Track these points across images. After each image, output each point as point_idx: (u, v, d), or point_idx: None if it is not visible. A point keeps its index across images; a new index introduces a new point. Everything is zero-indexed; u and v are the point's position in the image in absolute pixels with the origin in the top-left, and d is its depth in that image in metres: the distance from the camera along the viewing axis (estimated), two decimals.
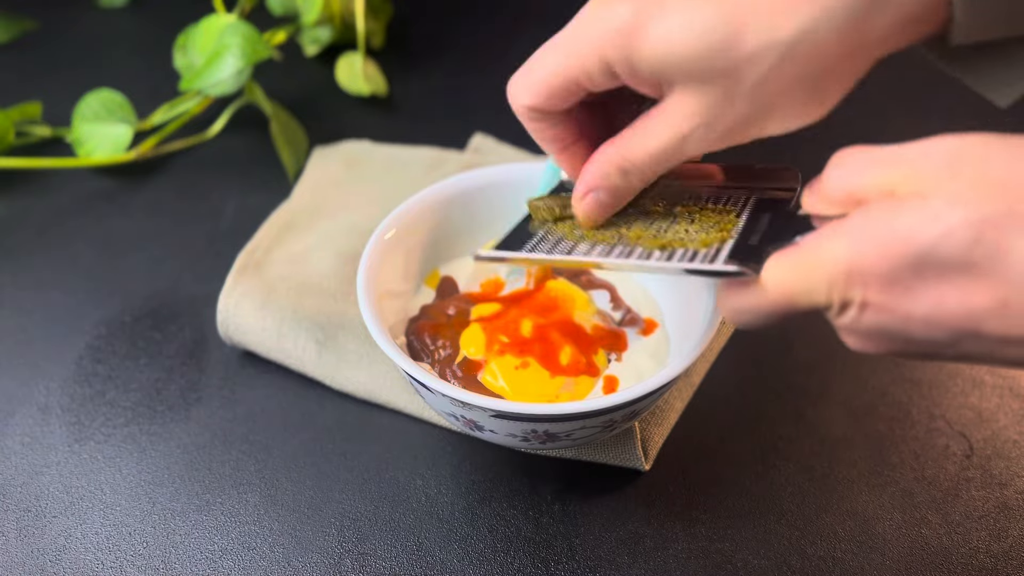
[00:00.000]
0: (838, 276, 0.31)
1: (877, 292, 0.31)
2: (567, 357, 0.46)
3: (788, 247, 0.34)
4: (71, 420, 0.52)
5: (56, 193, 0.67)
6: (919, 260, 0.29)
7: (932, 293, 0.30)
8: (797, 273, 0.33)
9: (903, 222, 0.30)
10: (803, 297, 0.33)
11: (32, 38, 0.83)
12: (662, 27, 0.34)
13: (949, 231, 0.29)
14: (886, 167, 0.31)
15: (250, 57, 0.65)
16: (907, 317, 0.31)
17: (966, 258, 0.29)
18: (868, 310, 0.31)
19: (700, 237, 0.39)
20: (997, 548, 0.45)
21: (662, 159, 0.37)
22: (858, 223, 0.31)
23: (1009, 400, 0.52)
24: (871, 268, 0.30)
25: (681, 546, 0.46)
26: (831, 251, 0.31)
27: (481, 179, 0.53)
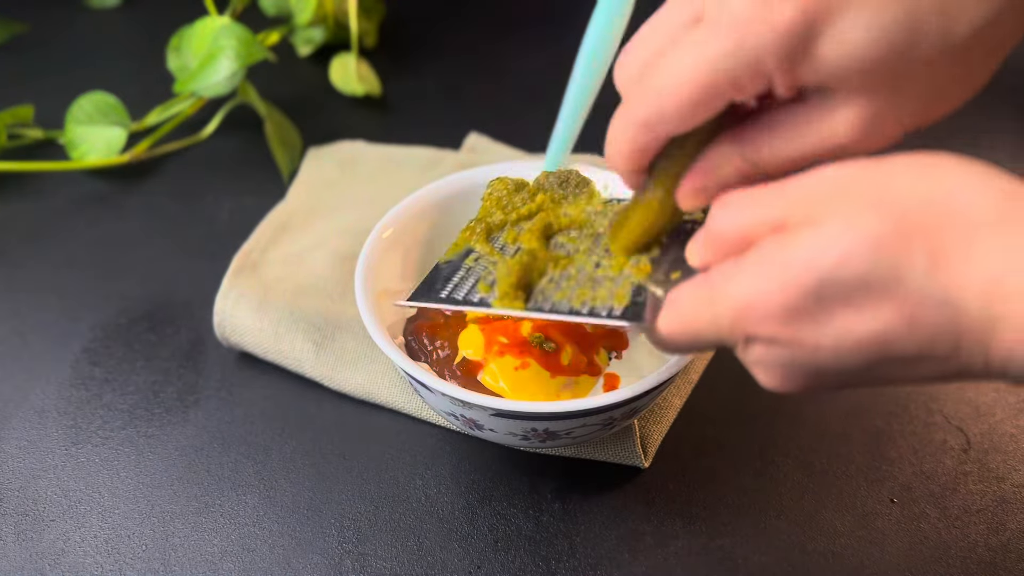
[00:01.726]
0: (740, 313, 0.30)
1: (781, 326, 0.30)
2: (568, 357, 0.46)
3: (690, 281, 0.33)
4: (68, 423, 0.52)
5: (50, 196, 0.67)
6: (820, 288, 0.28)
7: (838, 321, 0.29)
8: (699, 310, 0.32)
9: (799, 252, 0.29)
10: (707, 332, 0.32)
11: (23, 40, 0.83)
12: (841, 29, 0.30)
13: (846, 254, 0.28)
14: (773, 202, 0.30)
15: (244, 59, 0.65)
16: (815, 348, 0.30)
17: (867, 279, 0.28)
18: (774, 345, 0.30)
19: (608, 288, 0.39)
20: (995, 541, 0.45)
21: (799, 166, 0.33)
22: (755, 259, 0.30)
23: (1005, 394, 0.52)
24: (772, 302, 0.29)
25: (681, 543, 0.46)
26: (731, 288, 0.30)
27: (478, 178, 0.53)
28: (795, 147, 0.33)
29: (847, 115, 0.32)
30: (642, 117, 0.34)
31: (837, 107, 0.32)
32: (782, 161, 0.34)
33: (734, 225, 0.31)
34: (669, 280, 0.37)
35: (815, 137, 0.33)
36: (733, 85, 0.32)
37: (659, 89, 0.33)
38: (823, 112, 0.33)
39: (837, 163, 0.30)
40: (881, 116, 0.32)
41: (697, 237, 0.34)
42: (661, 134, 0.34)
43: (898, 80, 0.31)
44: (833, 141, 0.33)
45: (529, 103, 0.75)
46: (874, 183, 0.29)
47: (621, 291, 0.38)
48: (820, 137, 0.33)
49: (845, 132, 0.32)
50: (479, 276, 0.42)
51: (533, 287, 0.41)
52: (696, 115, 0.33)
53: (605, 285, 0.39)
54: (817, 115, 0.33)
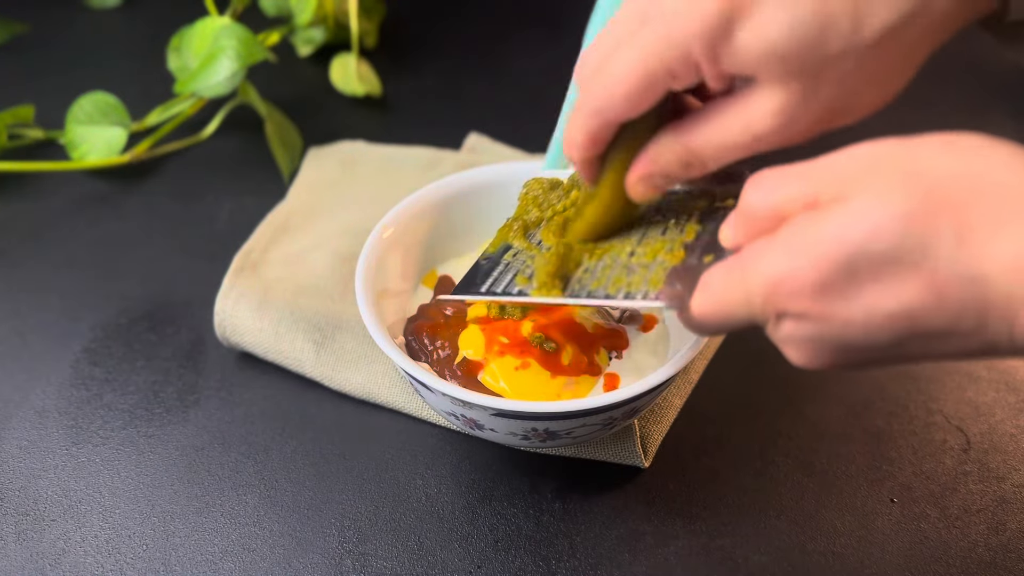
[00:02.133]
0: (771, 289, 0.31)
1: (812, 301, 0.30)
2: (568, 357, 0.46)
3: (722, 262, 0.34)
4: (68, 423, 0.52)
5: (50, 196, 0.67)
6: (850, 263, 0.29)
7: (868, 295, 0.29)
8: (731, 286, 0.33)
9: (830, 227, 0.29)
10: (740, 311, 0.33)
11: (24, 41, 0.83)
12: (758, 21, 0.33)
13: (876, 228, 0.29)
14: (805, 179, 0.31)
15: (245, 59, 0.65)
16: (846, 323, 0.30)
17: (896, 253, 0.29)
18: (805, 320, 0.31)
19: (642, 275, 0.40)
20: (995, 541, 0.45)
21: (729, 153, 0.36)
22: (786, 235, 0.31)
23: (1005, 394, 0.52)
24: (803, 277, 0.30)
25: (681, 543, 0.46)
26: (762, 265, 0.31)
27: (478, 178, 0.53)
28: (723, 135, 0.36)
29: (765, 104, 0.34)
30: (593, 106, 0.37)
31: (756, 96, 0.35)
32: (713, 148, 0.36)
33: (766, 203, 0.32)
34: (702, 264, 0.38)
35: (739, 125, 0.35)
36: (668, 73, 0.35)
37: (607, 80, 0.36)
38: (746, 101, 0.35)
39: (868, 142, 0.31)
40: (797, 107, 0.34)
41: (729, 219, 0.35)
42: (611, 120, 0.37)
43: (811, 73, 0.33)
44: (754, 129, 0.35)
45: (529, 103, 0.75)
46: (904, 159, 0.30)
47: (655, 276, 0.39)
48: (743, 125, 0.35)
49: (763, 120, 0.35)
50: (518, 270, 0.44)
51: (570, 277, 0.42)
52: (640, 102, 0.36)
53: (639, 272, 0.40)
54: (741, 105, 0.35)
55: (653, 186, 0.39)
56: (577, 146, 0.38)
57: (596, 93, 0.36)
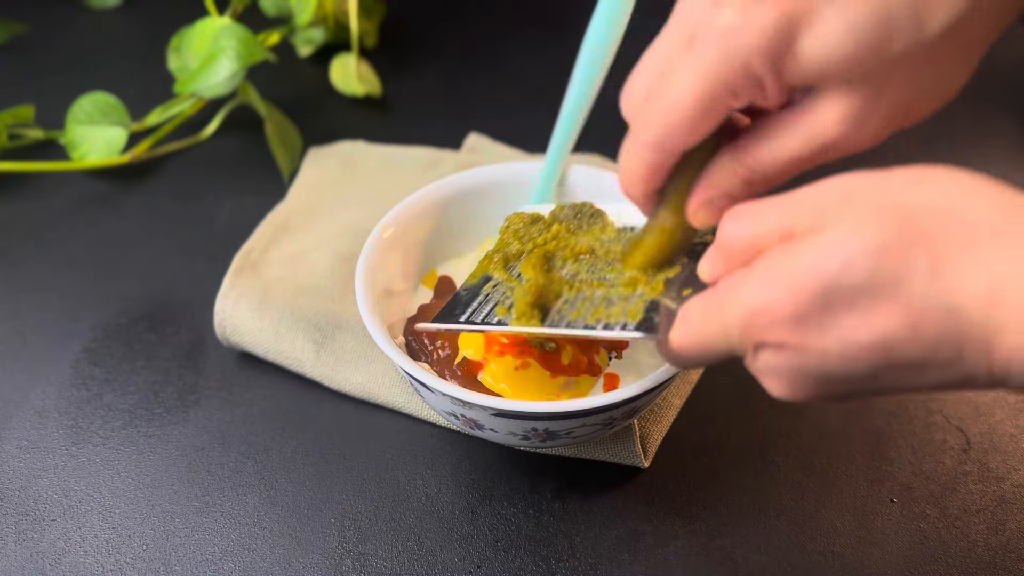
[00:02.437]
0: (748, 320, 0.31)
1: (789, 332, 0.30)
2: (568, 357, 0.46)
3: (700, 295, 0.34)
4: (68, 423, 0.52)
5: (50, 196, 0.67)
6: (825, 294, 0.29)
7: (843, 326, 0.29)
8: (709, 318, 0.33)
9: (804, 258, 0.29)
10: (718, 343, 0.33)
11: (24, 41, 0.83)
12: (820, 29, 0.32)
13: (850, 260, 0.29)
14: (780, 212, 0.31)
15: (245, 60, 0.65)
16: (823, 353, 0.30)
17: (870, 285, 0.29)
18: (782, 351, 0.31)
19: (621, 307, 0.40)
20: (995, 541, 0.45)
21: (796, 167, 0.35)
22: (761, 267, 0.31)
23: (1005, 394, 0.52)
24: (779, 309, 0.30)
25: (681, 543, 0.46)
26: (739, 297, 0.31)
27: (478, 178, 0.53)
28: (788, 148, 0.35)
29: (832, 111, 0.34)
30: (652, 138, 0.35)
31: (822, 105, 0.34)
32: (778, 163, 0.35)
33: (743, 235, 0.32)
34: (681, 297, 0.38)
35: (805, 136, 0.34)
36: (729, 91, 0.33)
37: (665, 107, 0.34)
38: (810, 111, 0.34)
39: (841, 175, 0.31)
40: (865, 111, 0.34)
41: (708, 254, 0.35)
42: (672, 151, 0.36)
43: (876, 76, 0.33)
44: (822, 138, 0.34)
45: (529, 103, 0.75)
46: (877, 192, 0.30)
47: (634, 308, 0.39)
48: (810, 135, 0.34)
49: (832, 128, 0.34)
50: (497, 301, 0.44)
51: (549, 308, 0.42)
52: (701, 126, 0.34)
53: (619, 304, 0.40)
54: (805, 115, 0.34)
55: (716, 210, 0.37)
56: (638, 181, 0.37)
57: (654, 123, 0.35)
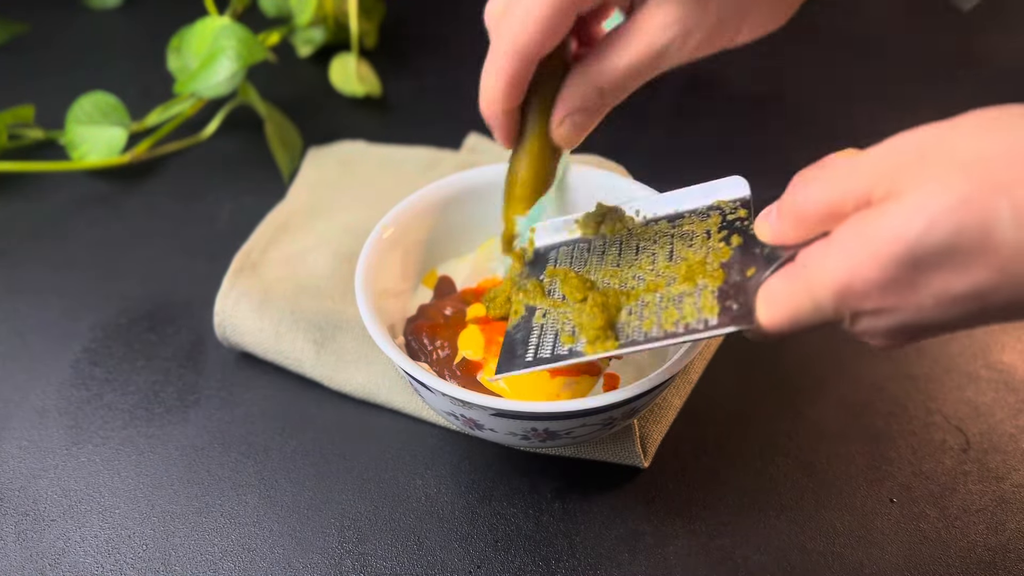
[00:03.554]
0: (840, 293, 0.32)
1: (884, 297, 0.31)
2: None
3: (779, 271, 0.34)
4: (68, 423, 0.52)
5: (50, 196, 0.67)
6: (913, 258, 0.30)
7: (935, 283, 0.30)
8: (799, 298, 0.33)
9: (887, 225, 0.30)
10: (811, 317, 0.33)
11: (24, 41, 0.83)
12: None
13: (932, 223, 0.29)
14: (853, 177, 0.32)
15: (245, 59, 0.65)
16: (919, 309, 0.31)
17: (955, 242, 0.29)
18: (881, 315, 0.32)
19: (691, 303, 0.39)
20: (995, 541, 0.45)
21: (638, 73, 0.38)
22: (844, 237, 0.32)
23: (1005, 394, 0.52)
24: (869, 279, 0.31)
25: (681, 543, 0.46)
26: (826, 271, 0.32)
27: (478, 178, 0.53)
28: (627, 56, 0.37)
29: (661, 17, 0.36)
30: (510, 46, 0.37)
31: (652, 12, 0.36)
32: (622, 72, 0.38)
33: (817, 201, 0.33)
34: (746, 279, 0.37)
35: (640, 43, 0.37)
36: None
37: (519, 17, 0.37)
38: (642, 19, 0.37)
39: (908, 131, 0.31)
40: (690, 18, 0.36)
41: (768, 215, 0.36)
42: (530, 58, 0.38)
43: None
44: (654, 44, 0.37)
45: None
46: (949, 146, 0.30)
47: (705, 302, 0.38)
48: (644, 42, 0.37)
49: (661, 33, 0.36)
50: (557, 329, 0.42)
51: (616, 324, 0.40)
52: (556, 30, 0.37)
53: (686, 301, 0.39)
54: (639, 24, 0.37)
55: (576, 125, 0.40)
56: (500, 96, 0.39)
57: (511, 32, 0.37)
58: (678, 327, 0.38)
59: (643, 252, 0.43)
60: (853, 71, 0.78)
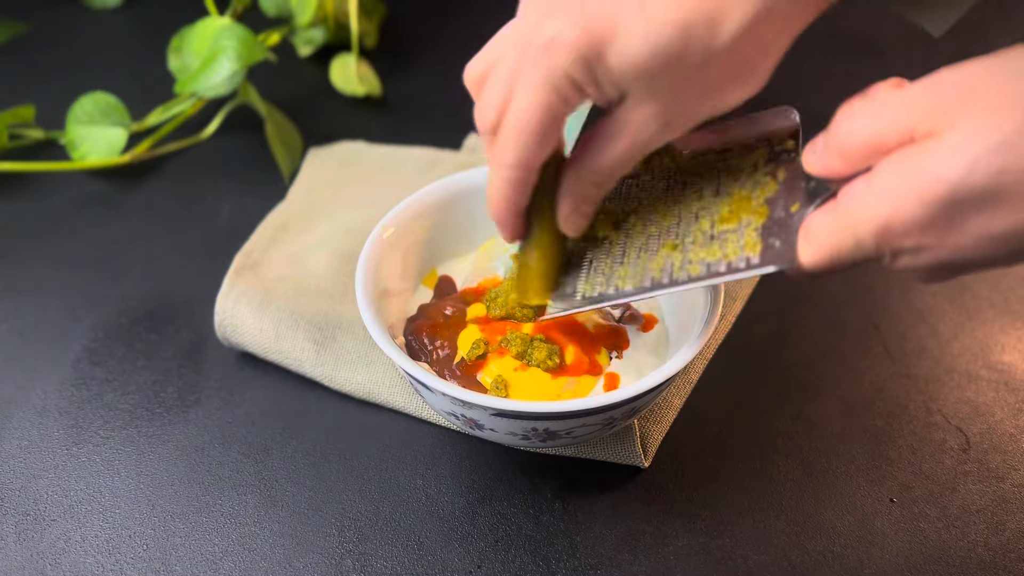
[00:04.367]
0: (881, 231, 0.32)
1: (924, 236, 0.32)
2: (571, 356, 0.46)
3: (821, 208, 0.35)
4: (69, 423, 0.52)
5: (51, 196, 0.67)
6: (954, 199, 0.30)
7: (976, 223, 0.31)
8: (839, 231, 0.34)
9: (929, 165, 0.30)
10: (852, 254, 0.34)
11: (24, 41, 0.83)
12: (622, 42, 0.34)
13: (974, 163, 0.30)
14: (897, 111, 0.32)
15: (245, 59, 0.65)
16: (959, 248, 0.32)
17: (997, 183, 0.30)
18: (921, 253, 0.32)
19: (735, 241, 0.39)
20: (995, 541, 0.45)
21: (628, 163, 0.38)
22: (885, 176, 0.32)
23: (1005, 394, 0.52)
24: (911, 218, 0.31)
25: (681, 542, 0.46)
26: (868, 209, 0.32)
27: (478, 178, 0.53)
28: (616, 150, 0.38)
29: (641, 114, 0.36)
30: (513, 158, 0.38)
31: (633, 108, 0.36)
32: (612, 164, 0.38)
33: (860, 134, 0.33)
34: (791, 214, 0.38)
35: (625, 138, 0.37)
36: (564, 102, 0.36)
37: (517, 128, 0.37)
38: (625, 115, 0.37)
39: (955, 66, 0.32)
40: (670, 111, 0.36)
41: (815, 146, 0.36)
42: (532, 166, 0.38)
43: (677, 80, 0.35)
44: (639, 137, 0.37)
45: None
46: (992, 84, 0.30)
47: (748, 240, 0.39)
48: (629, 137, 0.37)
49: (644, 128, 0.37)
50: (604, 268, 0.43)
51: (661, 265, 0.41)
52: (551, 138, 0.37)
53: (730, 240, 0.39)
54: (622, 120, 0.37)
55: (583, 216, 0.41)
56: (507, 204, 0.40)
57: (509, 146, 0.37)
58: (720, 266, 0.39)
59: (690, 187, 0.43)
60: (853, 71, 0.78)
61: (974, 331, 0.56)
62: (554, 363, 0.45)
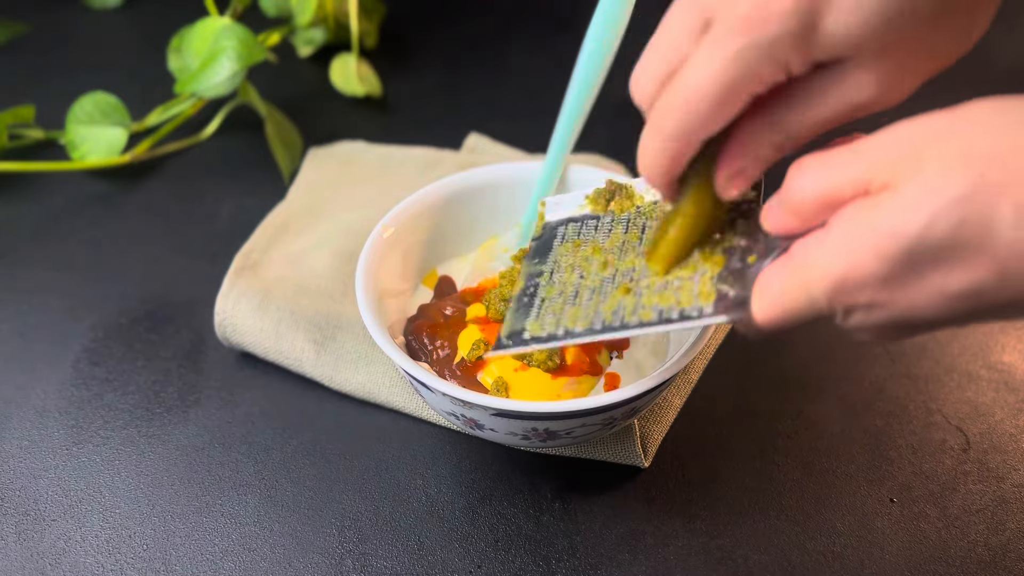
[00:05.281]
0: (835, 287, 0.31)
1: (879, 292, 0.30)
2: (571, 357, 0.46)
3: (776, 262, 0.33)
4: (69, 423, 0.52)
5: (50, 196, 0.67)
6: (910, 254, 0.29)
7: (931, 281, 0.30)
8: (792, 287, 0.32)
9: (885, 220, 0.29)
10: (804, 311, 0.33)
11: (24, 41, 0.83)
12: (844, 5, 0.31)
13: (932, 219, 0.29)
14: (851, 165, 0.31)
15: (245, 60, 0.65)
16: (912, 307, 0.31)
17: (954, 240, 0.29)
18: (874, 310, 0.31)
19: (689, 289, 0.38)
20: (995, 541, 0.45)
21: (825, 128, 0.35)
22: (839, 230, 0.31)
23: (1005, 394, 0.52)
24: (865, 274, 0.30)
25: (681, 542, 0.46)
26: (821, 264, 0.31)
27: (479, 178, 0.53)
28: (822, 113, 0.34)
29: (863, 77, 0.33)
30: (673, 129, 0.34)
31: (856, 72, 0.33)
32: (811, 128, 0.35)
33: (813, 191, 0.32)
34: (747, 265, 0.37)
35: (839, 101, 0.34)
36: (754, 79, 0.33)
37: (685, 98, 0.33)
38: (841, 78, 0.33)
39: (912, 119, 0.31)
40: (894, 73, 0.33)
41: (772, 204, 0.34)
42: (694, 141, 0.35)
43: (904, 39, 0.32)
44: (856, 102, 0.34)
45: (529, 103, 0.75)
46: (952, 136, 0.29)
47: (703, 289, 0.38)
48: (842, 100, 0.34)
49: (865, 92, 0.34)
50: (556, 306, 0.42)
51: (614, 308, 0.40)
52: (724, 114, 0.34)
53: (685, 287, 0.38)
54: (836, 81, 0.34)
55: (748, 179, 0.37)
56: (662, 173, 0.36)
57: (674, 114, 0.34)
58: (672, 312, 0.38)
59: (648, 232, 0.43)
60: None
61: (974, 331, 0.56)
62: (554, 364, 0.45)
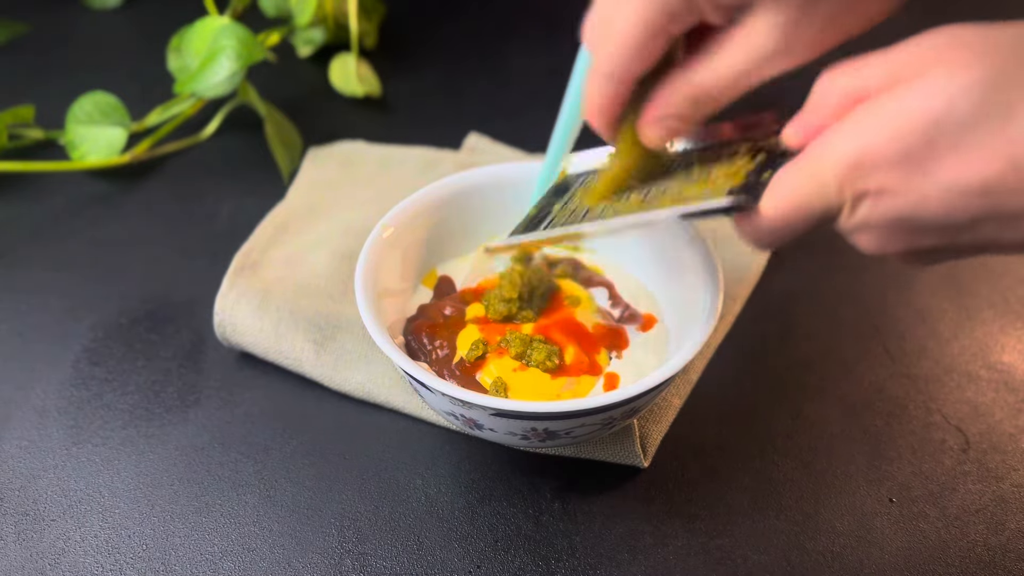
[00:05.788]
0: (848, 169, 0.31)
1: (891, 175, 0.30)
2: (571, 357, 0.46)
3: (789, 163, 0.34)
4: (68, 423, 0.52)
5: (50, 196, 0.67)
6: (930, 132, 0.29)
7: (946, 168, 0.29)
8: (803, 178, 0.32)
9: (906, 101, 0.30)
10: (815, 200, 0.32)
11: (24, 41, 0.83)
12: None
13: (953, 98, 0.29)
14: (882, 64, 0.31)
15: (245, 59, 0.65)
16: (924, 198, 0.30)
17: (975, 120, 0.29)
18: (884, 196, 0.31)
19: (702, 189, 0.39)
20: (995, 541, 0.45)
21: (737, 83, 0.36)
22: (860, 114, 0.31)
23: (1004, 394, 0.52)
24: (882, 152, 0.30)
25: (681, 542, 0.46)
26: (837, 147, 0.31)
27: (478, 178, 0.53)
28: (730, 63, 0.35)
29: (766, 24, 0.34)
30: (605, 68, 0.37)
31: (757, 19, 0.34)
32: (723, 79, 0.36)
33: (842, 87, 0.32)
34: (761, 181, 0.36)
35: (744, 50, 0.35)
36: (669, 18, 0.35)
37: (613, 39, 0.36)
38: (747, 26, 0.35)
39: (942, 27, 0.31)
40: (798, 22, 0.34)
41: (797, 119, 0.35)
42: (624, 80, 0.37)
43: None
44: (760, 51, 0.35)
45: (529, 103, 0.75)
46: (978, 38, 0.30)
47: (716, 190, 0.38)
48: (747, 51, 0.35)
49: (768, 40, 0.34)
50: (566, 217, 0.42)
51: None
52: (647, 53, 0.36)
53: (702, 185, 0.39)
54: (742, 33, 0.35)
55: (666, 128, 0.38)
56: (599, 112, 0.38)
57: (605, 55, 0.36)
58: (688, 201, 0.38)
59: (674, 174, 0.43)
60: None
61: (974, 331, 0.56)
62: (553, 364, 0.45)
